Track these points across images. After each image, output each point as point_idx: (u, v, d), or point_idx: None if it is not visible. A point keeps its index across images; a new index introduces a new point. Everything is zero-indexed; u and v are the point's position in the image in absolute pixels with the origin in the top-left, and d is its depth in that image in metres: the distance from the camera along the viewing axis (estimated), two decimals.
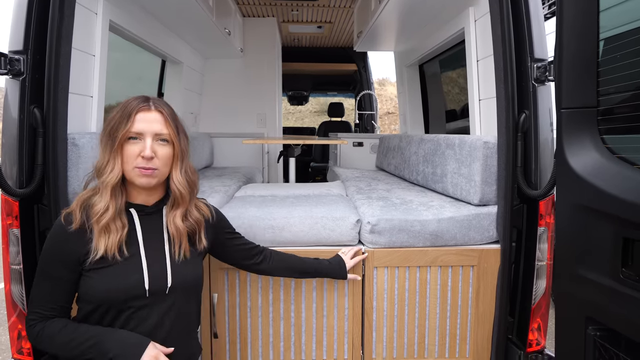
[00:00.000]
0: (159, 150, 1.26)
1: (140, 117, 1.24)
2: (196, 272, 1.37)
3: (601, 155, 1.16)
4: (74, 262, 1.23)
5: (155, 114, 1.27)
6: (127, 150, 1.24)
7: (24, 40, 1.47)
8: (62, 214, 1.25)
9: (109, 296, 1.22)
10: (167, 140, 1.28)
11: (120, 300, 1.22)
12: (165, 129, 1.27)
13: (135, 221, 1.29)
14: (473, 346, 1.81)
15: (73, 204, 1.27)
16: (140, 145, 1.24)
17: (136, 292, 1.23)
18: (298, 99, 7.98)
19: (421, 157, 2.47)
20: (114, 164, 1.23)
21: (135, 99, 1.28)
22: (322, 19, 4.77)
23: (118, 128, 1.23)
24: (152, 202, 1.33)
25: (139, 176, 1.24)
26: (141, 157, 1.23)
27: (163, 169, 1.28)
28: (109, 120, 1.27)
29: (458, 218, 1.78)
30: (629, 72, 1.10)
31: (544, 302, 1.70)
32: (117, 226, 1.23)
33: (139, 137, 1.24)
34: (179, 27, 3.18)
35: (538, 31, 1.62)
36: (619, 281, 1.06)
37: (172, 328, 1.29)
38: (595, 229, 1.14)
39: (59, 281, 1.24)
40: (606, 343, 1.13)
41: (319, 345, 1.80)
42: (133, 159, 1.23)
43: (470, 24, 2.21)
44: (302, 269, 1.64)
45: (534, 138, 1.64)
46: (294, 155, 3.45)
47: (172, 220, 1.32)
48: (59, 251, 1.23)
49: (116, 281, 1.22)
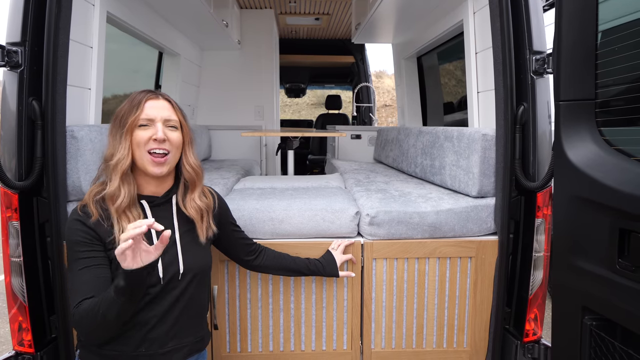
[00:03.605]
0: (170, 134, 1.30)
1: (150, 104, 1.29)
2: (206, 259, 1.41)
3: (599, 148, 1.17)
4: (100, 244, 1.23)
5: (164, 102, 1.32)
6: (137, 135, 1.26)
7: (22, 31, 1.46)
8: (77, 207, 1.26)
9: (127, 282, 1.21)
10: (176, 126, 1.33)
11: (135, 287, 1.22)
12: (173, 115, 1.33)
13: (147, 212, 1.31)
14: (470, 336, 1.84)
15: (85, 197, 1.28)
16: (151, 130, 1.27)
17: (151, 280, 1.25)
18: (295, 92, 7.96)
19: (419, 150, 2.48)
20: (123, 148, 1.25)
21: (140, 92, 1.32)
22: (319, 11, 4.75)
23: (128, 116, 1.27)
24: (162, 192, 1.35)
25: (151, 164, 1.27)
26: (153, 140, 1.26)
27: (174, 154, 1.32)
28: (117, 112, 1.30)
29: (456, 210, 1.79)
30: (627, 64, 1.11)
31: (540, 293, 1.72)
32: (134, 215, 1.26)
33: (149, 123, 1.28)
34: (176, 19, 3.16)
35: (537, 23, 1.62)
36: (615, 272, 1.08)
37: (182, 313, 1.32)
38: (592, 220, 1.15)
39: (95, 260, 1.22)
40: (602, 333, 1.15)
41: (319, 336, 1.81)
42: (144, 144, 1.26)
43: (469, 16, 2.20)
44: (295, 269, 1.65)
45: (532, 130, 1.64)
46: (293, 148, 3.45)
47: (191, 203, 1.36)
48: (85, 235, 1.22)
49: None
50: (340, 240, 1.76)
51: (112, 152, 1.27)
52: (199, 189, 1.39)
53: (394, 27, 3.53)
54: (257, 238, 1.77)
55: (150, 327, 1.27)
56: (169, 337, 1.30)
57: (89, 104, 1.91)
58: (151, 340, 1.27)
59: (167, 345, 1.29)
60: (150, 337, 1.27)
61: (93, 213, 1.23)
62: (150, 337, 1.27)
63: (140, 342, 1.26)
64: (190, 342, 1.35)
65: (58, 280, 1.58)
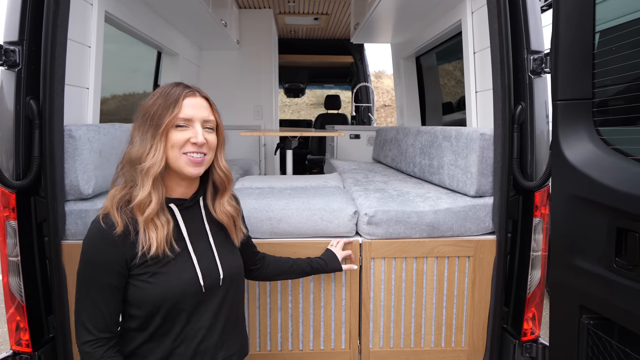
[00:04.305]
0: (207, 137, 1.20)
1: (188, 102, 1.18)
2: (239, 261, 1.35)
3: (596, 147, 1.17)
4: (123, 266, 1.13)
5: (202, 100, 1.22)
6: (173, 137, 1.16)
7: (19, 30, 1.46)
8: (99, 218, 1.14)
9: (165, 298, 1.15)
10: (213, 127, 1.24)
11: (176, 300, 1.16)
12: (211, 115, 1.23)
13: (177, 216, 1.23)
14: (468, 336, 1.84)
15: (106, 204, 1.16)
16: (189, 132, 1.17)
17: (192, 290, 1.18)
18: (294, 92, 7.95)
19: (418, 149, 2.48)
20: (157, 150, 1.13)
21: (174, 86, 1.20)
22: (318, 11, 4.75)
23: (163, 115, 1.15)
24: (190, 194, 1.27)
25: (188, 164, 1.17)
26: (190, 144, 1.17)
27: (210, 156, 1.23)
28: (148, 107, 1.17)
29: (454, 209, 1.79)
30: (624, 64, 1.11)
31: (538, 292, 1.72)
32: (162, 221, 1.16)
33: (187, 124, 1.18)
34: (174, 18, 3.16)
35: (534, 23, 1.62)
36: (612, 270, 1.08)
37: (226, 320, 1.26)
38: (589, 220, 1.15)
39: (111, 290, 1.13)
40: (599, 331, 1.15)
41: (317, 335, 1.81)
42: (180, 146, 1.16)
43: (467, 16, 2.21)
44: (298, 269, 1.60)
45: (530, 130, 1.65)
46: (291, 148, 3.45)
47: (221, 208, 1.29)
48: (107, 257, 1.12)
49: (171, 281, 1.15)
50: (338, 239, 1.76)
51: (141, 154, 1.14)
52: (229, 194, 1.32)
53: (392, 27, 3.54)
54: (255, 237, 1.77)
55: (200, 339, 1.21)
56: (218, 347, 1.24)
57: (87, 103, 1.91)
58: (202, 353, 1.21)
59: (217, 355, 1.24)
60: (201, 349, 1.21)
61: (118, 223, 1.12)
62: (201, 349, 1.21)
63: (192, 357, 1.20)
64: (237, 349, 1.31)
65: (56, 279, 1.58)
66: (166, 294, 1.14)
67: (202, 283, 1.19)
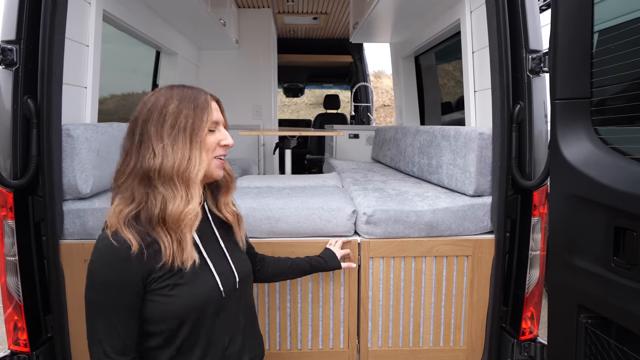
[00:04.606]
0: None
1: (214, 106, 1.18)
2: (248, 261, 1.33)
3: (594, 146, 1.17)
4: (140, 284, 1.06)
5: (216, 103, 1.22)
6: (207, 141, 1.14)
7: (17, 29, 1.45)
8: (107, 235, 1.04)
9: (190, 309, 1.10)
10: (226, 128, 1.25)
11: (198, 310, 1.12)
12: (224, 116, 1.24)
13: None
14: (467, 335, 1.84)
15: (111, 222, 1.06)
16: (217, 136, 1.17)
17: (214, 297, 1.14)
18: (294, 91, 7.94)
19: (417, 149, 2.48)
20: (199, 157, 1.10)
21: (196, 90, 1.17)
22: (317, 10, 4.74)
23: (198, 121, 1.12)
24: None
25: (219, 167, 1.18)
26: (220, 147, 1.17)
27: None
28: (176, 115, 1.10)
29: (453, 209, 1.79)
30: (622, 63, 1.11)
31: (537, 291, 1.72)
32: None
33: (215, 127, 1.18)
34: (173, 18, 3.15)
35: (533, 22, 1.62)
36: (610, 270, 1.08)
37: (245, 323, 1.25)
38: (587, 219, 1.15)
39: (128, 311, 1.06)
40: (597, 330, 1.15)
41: (315, 335, 1.81)
42: (212, 150, 1.16)
43: (465, 15, 2.21)
44: (297, 269, 1.57)
45: (529, 129, 1.65)
46: (290, 147, 3.45)
47: (228, 207, 1.28)
48: (122, 275, 1.04)
49: (194, 291, 1.11)
50: (337, 238, 1.76)
51: (179, 164, 1.07)
52: (233, 191, 1.30)
53: (391, 26, 3.53)
54: (254, 237, 1.77)
55: (225, 346, 1.18)
56: (243, 352, 1.23)
57: (85, 102, 1.91)
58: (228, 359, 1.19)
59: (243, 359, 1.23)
60: (227, 356, 1.18)
61: (132, 242, 1.03)
62: (227, 355, 1.18)
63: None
64: (257, 351, 1.29)
65: (54, 279, 1.58)
66: (191, 305, 1.10)
67: (222, 288, 1.16)
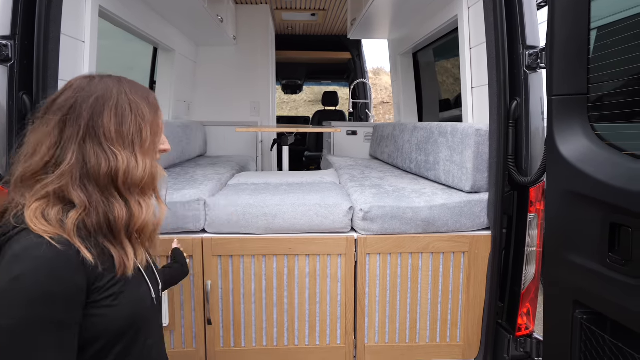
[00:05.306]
0: None
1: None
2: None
3: (591, 142, 1.17)
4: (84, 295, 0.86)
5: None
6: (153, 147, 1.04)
7: (12, 25, 1.44)
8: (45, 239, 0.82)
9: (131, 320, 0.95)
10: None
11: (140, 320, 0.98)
12: None
13: None
14: (463, 331, 1.84)
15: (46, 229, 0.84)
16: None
17: (147, 304, 1.00)
18: (292, 88, 7.93)
19: (414, 145, 2.48)
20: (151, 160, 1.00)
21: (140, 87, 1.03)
22: (316, 6, 4.72)
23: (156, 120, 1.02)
24: None
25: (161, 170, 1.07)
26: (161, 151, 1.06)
27: None
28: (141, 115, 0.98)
29: (450, 205, 1.80)
30: (618, 60, 1.11)
31: (533, 288, 1.72)
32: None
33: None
34: (170, 14, 3.14)
35: (530, 18, 1.62)
36: (605, 265, 1.08)
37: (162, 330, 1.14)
38: (583, 215, 1.16)
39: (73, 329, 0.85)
40: (593, 326, 1.16)
41: (312, 331, 1.82)
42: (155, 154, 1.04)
43: (463, 11, 2.20)
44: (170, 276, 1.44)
45: (525, 125, 1.65)
46: (288, 144, 3.44)
47: None
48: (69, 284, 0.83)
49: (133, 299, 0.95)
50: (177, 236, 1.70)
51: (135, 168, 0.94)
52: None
53: (389, 23, 3.52)
54: (250, 233, 1.77)
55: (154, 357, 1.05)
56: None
57: None
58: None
59: None
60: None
61: (85, 254, 0.85)
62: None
63: None
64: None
65: None
66: (131, 316, 0.94)
67: (154, 295, 1.02)
